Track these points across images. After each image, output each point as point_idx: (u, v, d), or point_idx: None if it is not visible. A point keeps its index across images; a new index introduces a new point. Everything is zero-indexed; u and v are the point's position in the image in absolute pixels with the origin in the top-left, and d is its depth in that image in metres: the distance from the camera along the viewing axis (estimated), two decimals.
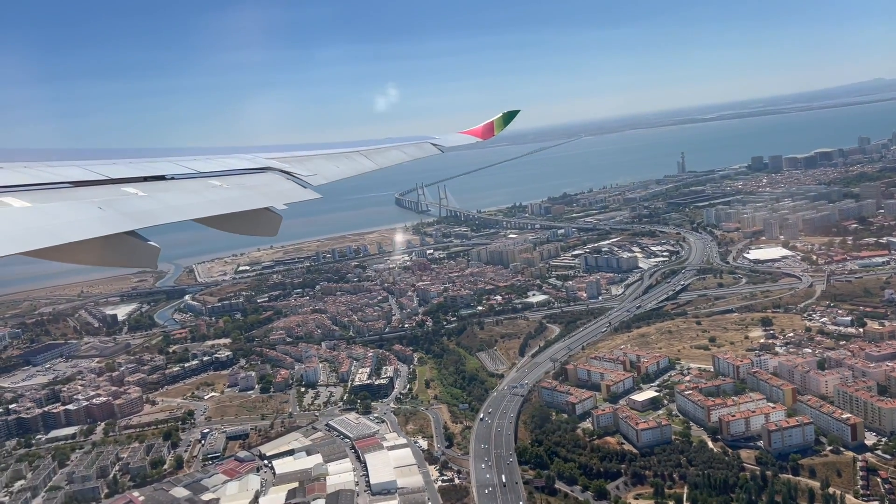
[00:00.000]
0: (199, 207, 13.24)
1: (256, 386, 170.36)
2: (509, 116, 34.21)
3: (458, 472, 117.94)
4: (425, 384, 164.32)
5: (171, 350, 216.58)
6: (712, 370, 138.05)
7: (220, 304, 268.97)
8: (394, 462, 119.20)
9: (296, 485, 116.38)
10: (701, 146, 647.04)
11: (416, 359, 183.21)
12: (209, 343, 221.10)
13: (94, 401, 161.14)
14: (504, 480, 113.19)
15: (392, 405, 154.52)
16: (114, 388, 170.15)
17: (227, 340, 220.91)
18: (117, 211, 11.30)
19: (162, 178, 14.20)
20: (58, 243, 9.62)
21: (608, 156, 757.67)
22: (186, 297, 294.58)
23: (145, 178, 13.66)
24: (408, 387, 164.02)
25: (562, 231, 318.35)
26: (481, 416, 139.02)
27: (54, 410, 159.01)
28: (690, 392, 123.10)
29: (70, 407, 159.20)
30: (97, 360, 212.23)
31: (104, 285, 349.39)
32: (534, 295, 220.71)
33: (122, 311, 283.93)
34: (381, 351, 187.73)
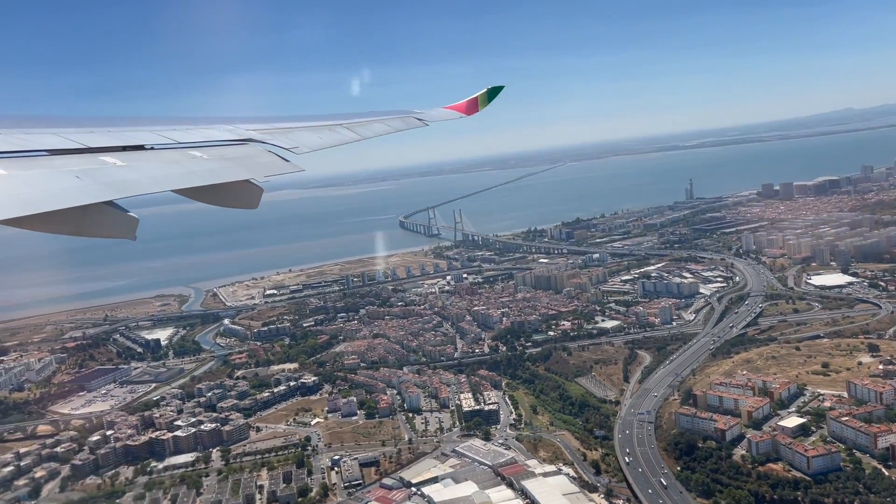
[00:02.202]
0: (178, 178, 13.16)
1: (359, 411, 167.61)
2: (493, 92, 33.47)
3: (628, 500, 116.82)
4: (532, 410, 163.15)
5: (237, 375, 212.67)
6: (846, 396, 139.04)
7: (265, 329, 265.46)
8: (558, 490, 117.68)
9: None
10: (693, 173, 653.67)
11: (503, 384, 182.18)
12: (275, 368, 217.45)
13: (202, 427, 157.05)
14: None
15: (508, 431, 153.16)
16: (213, 415, 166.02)
17: (294, 365, 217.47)
18: (96, 180, 11.22)
19: (141, 147, 14.14)
20: (35, 212, 9.56)
21: (598, 182, 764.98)
22: (226, 321, 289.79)
23: (124, 148, 13.59)
24: (513, 413, 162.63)
25: (596, 256, 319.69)
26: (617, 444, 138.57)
27: (162, 437, 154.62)
28: (846, 418, 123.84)
29: (179, 434, 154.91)
30: (174, 385, 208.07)
31: (127, 308, 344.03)
32: (603, 321, 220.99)
33: (158, 336, 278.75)
34: (469, 377, 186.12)
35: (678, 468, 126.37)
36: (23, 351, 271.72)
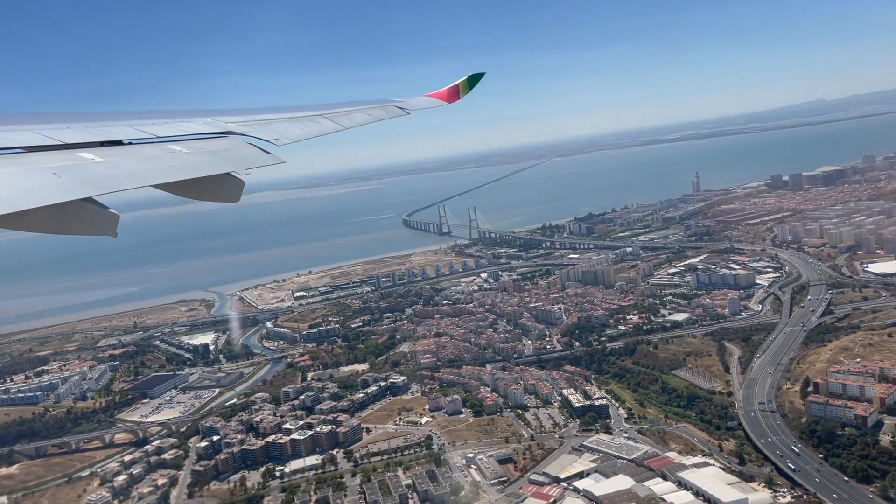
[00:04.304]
0: (158, 173, 13.22)
1: (465, 410, 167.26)
2: (474, 80, 33.48)
3: (791, 488, 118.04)
4: (639, 404, 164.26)
5: (310, 377, 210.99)
6: None
7: (315, 331, 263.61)
8: (719, 480, 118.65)
9: None
10: (685, 166, 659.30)
11: (591, 379, 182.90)
12: (345, 369, 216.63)
13: (318, 430, 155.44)
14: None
15: (624, 424, 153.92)
16: (322, 417, 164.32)
17: (364, 366, 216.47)
18: (74, 177, 11.21)
19: (119, 142, 14.19)
20: (13, 211, 9.55)
21: (592, 177, 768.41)
22: (268, 324, 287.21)
23: (102, 143, 13.63)
24: (620, 407, 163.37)
25: (630, 250, 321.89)
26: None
27: (279, 441, 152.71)
28: None
29: (296, 437, 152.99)
30: (238, 389, 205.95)
31: (153, 315, 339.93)
32: (670, 313, 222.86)
33: (200, 341, 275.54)
34: (550, 372, 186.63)
35: (820, 455, 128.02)
36: (62, 360, 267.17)
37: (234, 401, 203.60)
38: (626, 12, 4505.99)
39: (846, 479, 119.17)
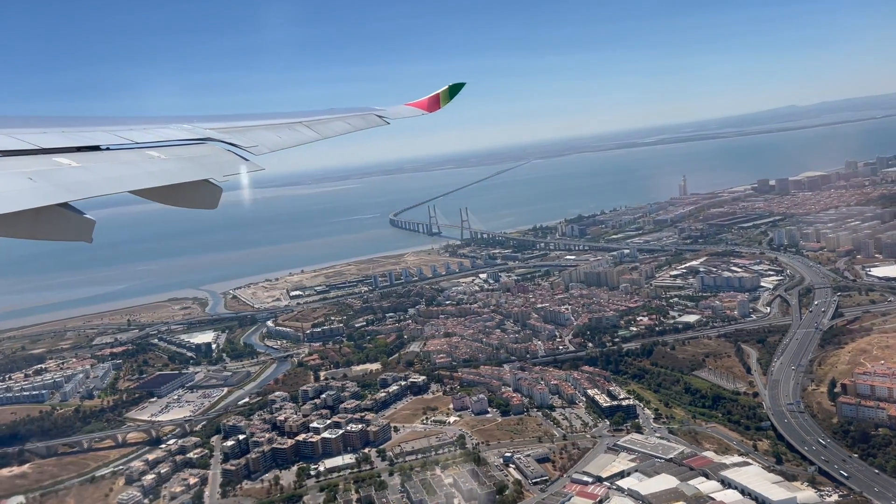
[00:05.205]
0: (136, 179, 13.25)
1: (491, 409, 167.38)
2: (455, 89, 33.42)
3: (835, 487, 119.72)
4: (664, 404, 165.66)
5: (322, 376, 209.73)
6: None
7: (319, 330, 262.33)
8: (763, 479, 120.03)
9: None
10: (666, 168, 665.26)
11: (610, 379, 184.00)
12: (357, 369, 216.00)
13: (349, 429, 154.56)
14: None
15: (653, 424, 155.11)
16: (349, 417, 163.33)
17: (376, 365, 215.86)
18: (50, 182, 11.19)
19: (97, 148, 14.17)
20: None
21: (574, 179, 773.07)
22: (268, 323, 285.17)
23: (78, 149, 13.59)
24: (645, 408, 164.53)
25: (627, 252, 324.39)
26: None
27: (311, 440, 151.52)
28: None
29: (327, 436, 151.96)
30: (246, 388, 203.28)
31: (145, 313, 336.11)
32: (680, 315, 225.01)
33: (200, 339, 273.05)
34: (577, 372, 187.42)
35: (855, 454, 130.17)
36: (59, 358, 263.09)
37: (247, 399, 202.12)
38: (602, 17, 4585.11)
39: (889, 477, 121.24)
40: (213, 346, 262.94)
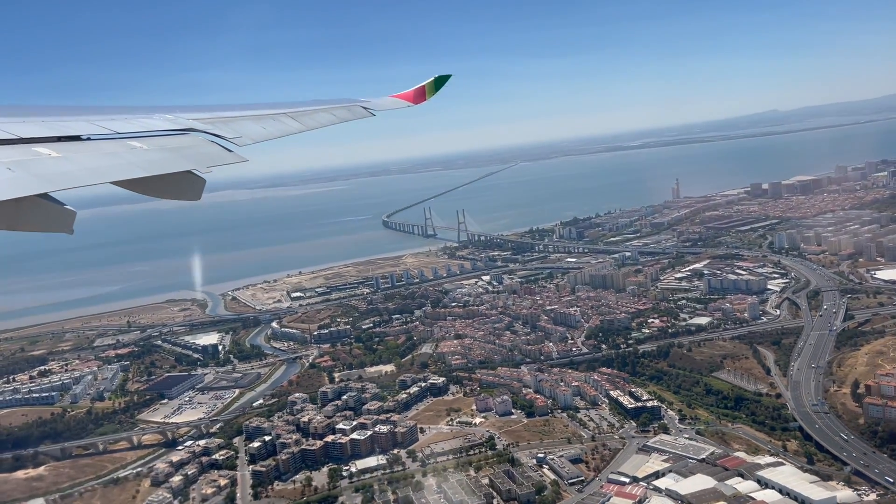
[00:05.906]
0: (117, 170, 13.07)
1: (515, 410, 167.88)
2: (440, 81, 33.44)
3: (873, 485, 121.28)
4: (687, 405, 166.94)
5: (337, 378, 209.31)
6: None
7: (326, 332, 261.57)
8: (801, 479, 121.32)
9: None
10: (653, 172, 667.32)
11: (629, 381, 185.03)
12: (371, 370, 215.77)
13: (377, 430, 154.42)
14: None
15: (678, 425, 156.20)
16: (374, 418, 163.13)
17: (390, 367, 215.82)
18: (29, 172, 11.09)
19: (77, 138, 14.05)
20: None
21: (565, 182, 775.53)
22: (273, 325, 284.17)
23: (59, 138, 13.47)
24: (668, 409, 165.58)
25: (629, 255, 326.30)
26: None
27: (339, 441, 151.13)
28: None
29: (355, 437, 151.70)
30: (258, 390, 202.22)
31: (145, 314, 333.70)
32: (691, 317, 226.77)
33: (204, 341, 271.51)
34: (596, 374, 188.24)
35: (885, 454, 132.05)
36: (61, 360, 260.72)
37: (261, 401, 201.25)
38: (587, 21, 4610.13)
39: None
40: (220, 347, 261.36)
